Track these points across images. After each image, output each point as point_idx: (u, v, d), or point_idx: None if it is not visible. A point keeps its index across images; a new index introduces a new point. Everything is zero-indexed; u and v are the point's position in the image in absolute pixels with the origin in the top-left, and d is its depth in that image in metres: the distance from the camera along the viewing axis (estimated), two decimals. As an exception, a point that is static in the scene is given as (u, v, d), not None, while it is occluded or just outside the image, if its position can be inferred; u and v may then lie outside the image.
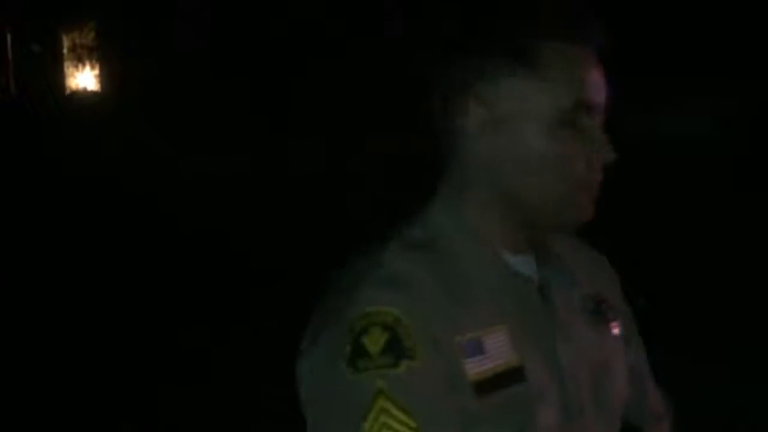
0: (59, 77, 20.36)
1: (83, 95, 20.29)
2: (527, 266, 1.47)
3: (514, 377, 1.37)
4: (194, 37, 17.33)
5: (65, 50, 20.39)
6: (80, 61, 20.30)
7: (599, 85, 1.43)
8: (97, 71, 20.19)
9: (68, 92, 20.41)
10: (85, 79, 20.43)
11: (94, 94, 20.17)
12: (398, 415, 1.31)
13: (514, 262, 1.45)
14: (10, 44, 20.56)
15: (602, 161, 1.42)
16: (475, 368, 1.35)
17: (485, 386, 1.35)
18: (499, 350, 1.38)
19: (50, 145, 15.68)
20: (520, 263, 1.46)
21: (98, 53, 19.90)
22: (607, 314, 1.53)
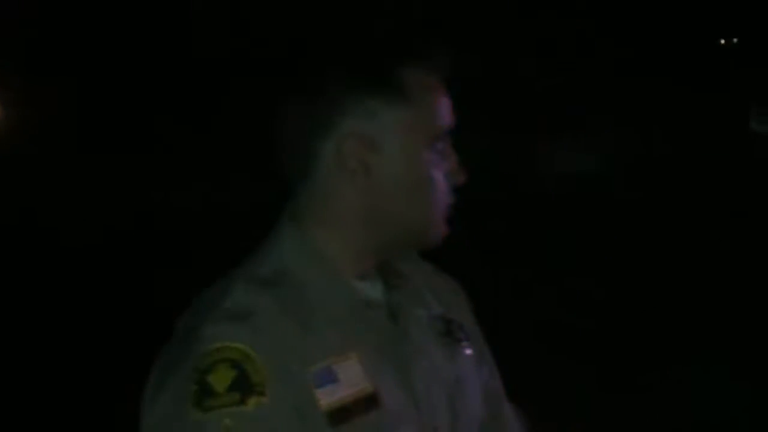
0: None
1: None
2: (375, 291, 1.48)
3: (368, 404, 1.37)
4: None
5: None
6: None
7: (450, 110, 1.47)
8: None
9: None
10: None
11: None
12: None
13: (363, 287, 1.46)
14: None
15: (455, 183, 1.47)
16: (327, 398, 1.35)
17: (339, 415, 1.35)
18: (351, 378, 1.37)
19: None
20: (369, 289, 1.47)
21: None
22: (457, 335, 1.55)
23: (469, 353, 1.56)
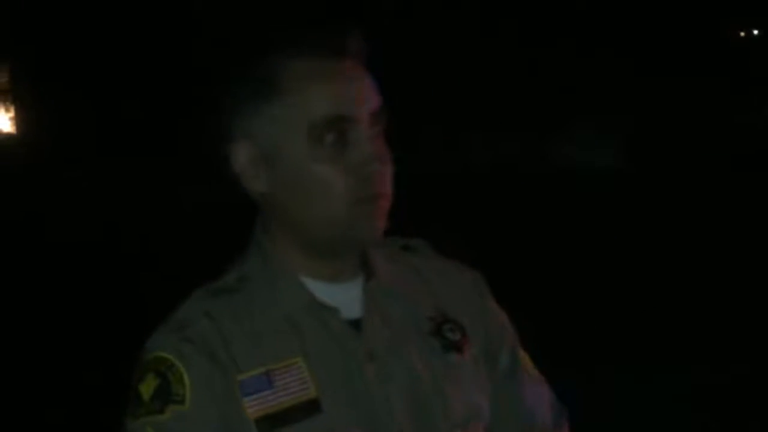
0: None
1: (-1, 138, 20.01)
2: (344, 294, 1.43)
3: (307, 410, 1.35)
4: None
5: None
6: (-5, 103, 20.04)
7: (360, 95, 1.37)
8: (12, 114, 19.94)
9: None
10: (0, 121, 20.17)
11: (9, 136, 19.91)
12: None
13: (324, 291, 1.42)
14: None
15: (373, 173, 1.37)
16: (257, 405, 1.34)
17: (272, 422, 1.34)
18: (291, 384, 1.36)
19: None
20: (331, 292, 1.43)
21: (12, 95, 19.66)
22: (448, 336, 1.49)
23: (463, 354, 1.49)
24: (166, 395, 1.33)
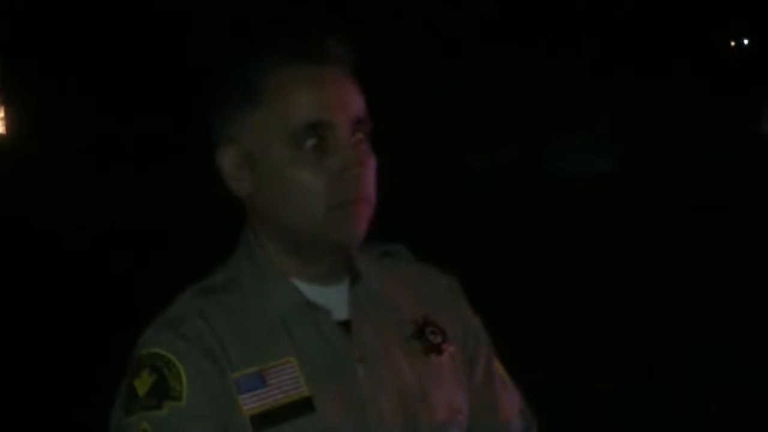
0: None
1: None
2: (331, 296, 1.47)
3: (300, 408, 1.39)
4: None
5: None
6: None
7: (341, 101, 1.41)
8: (1, 114, 19.92)
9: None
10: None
11: (-1, 136, 19.87)
12: None
13: (313, 293, 1.46)
14: None
15: (352, 178, 1.39)
16: (251, 403, 1.37)
17: (265, 419, 1.37)
18: (284, 383, 1.39)
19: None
20: (320, 294, 1.46)
21: (2, 95, 19.64)
22: (429, 338, 1.52)
23: (444, 356, 1.53)
24: (162, 391, 1.35)
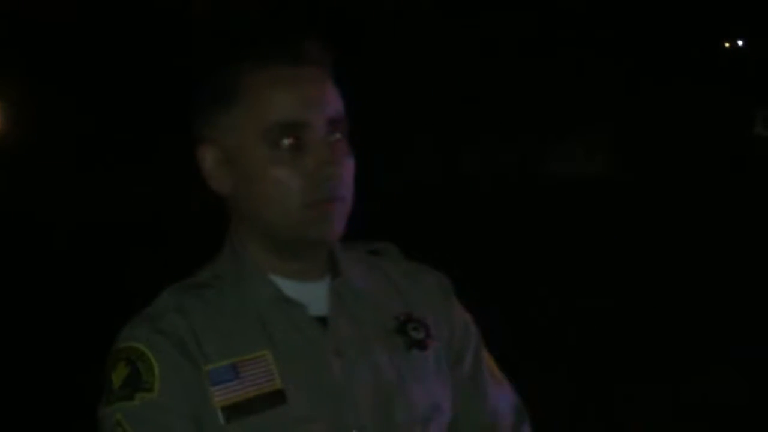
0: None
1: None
2: (310, 292, 1.50)
3: (272, 400, 1.43)
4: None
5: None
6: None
7: (317, 101, 1.44)
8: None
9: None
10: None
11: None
12: None
13: (292, 289, 1.50)
14: None
15: (327, 177, 1.43)
16: (223, 395, 1.42)
17: (236, 410, 1.42)
18: (257, 375, 1.44)
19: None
20: (299, 290, 1.50)
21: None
22: (411, 334, 1.56)
23: (426, 351, 1.55)
24: (135, 383, 1.41)
